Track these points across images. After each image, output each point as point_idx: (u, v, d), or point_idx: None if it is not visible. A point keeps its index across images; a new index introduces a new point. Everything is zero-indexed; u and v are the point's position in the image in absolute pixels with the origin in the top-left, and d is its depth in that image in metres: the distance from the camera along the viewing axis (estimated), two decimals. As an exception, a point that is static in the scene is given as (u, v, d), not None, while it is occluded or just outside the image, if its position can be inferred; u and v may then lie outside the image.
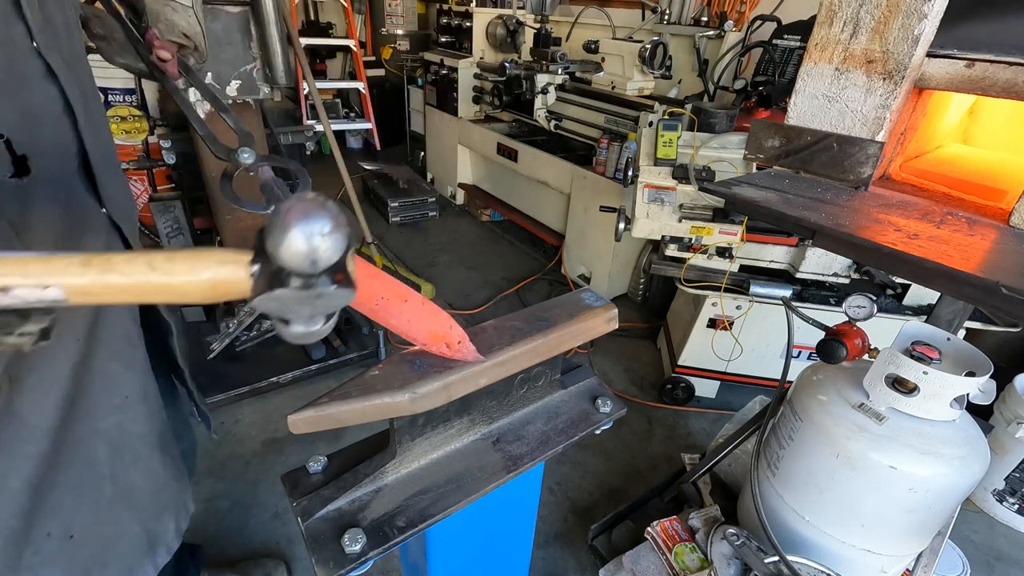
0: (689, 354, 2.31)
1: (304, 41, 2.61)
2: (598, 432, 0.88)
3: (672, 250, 2.06)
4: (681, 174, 1.97)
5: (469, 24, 3.94)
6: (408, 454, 0.74)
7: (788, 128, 1.31)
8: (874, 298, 1.20)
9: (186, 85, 1.07)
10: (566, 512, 1.91)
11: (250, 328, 2.32)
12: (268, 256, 0.38)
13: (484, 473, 0.76)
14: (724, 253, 2.01)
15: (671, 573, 1.33)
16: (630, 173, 2.16)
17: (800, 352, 2.15)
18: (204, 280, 0.40)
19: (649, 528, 1.41)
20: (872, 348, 1.20)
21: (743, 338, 2.21)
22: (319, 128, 2.47)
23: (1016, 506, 1.94)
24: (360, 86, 3.14)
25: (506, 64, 3.29)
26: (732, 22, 2.93)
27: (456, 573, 0.93)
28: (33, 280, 0.37)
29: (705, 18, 3.10)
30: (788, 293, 2.02)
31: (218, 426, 2.14)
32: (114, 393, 0.88)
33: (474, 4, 3.97)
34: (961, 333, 1.58)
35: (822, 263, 1.91)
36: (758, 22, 2.78)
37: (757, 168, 1.91)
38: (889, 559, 1.18)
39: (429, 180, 4.83)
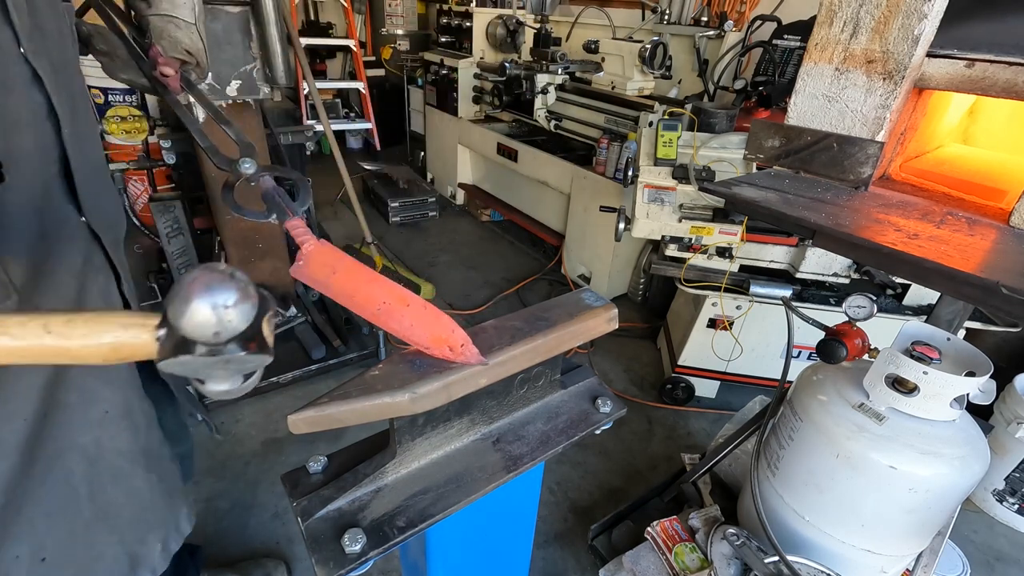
0: (689, 354, 2.31)
1: (304, 41, 2.61)
2: (598, 432, 0.87)
3: (672, 250, 2.06)
4: (681, 174, 1.97)
5: (469, 24, 3.94)
6: (408, 454, 0.74)
7: (788, 128, 1.31)
8: (874, 298, 1.20)
9: (187, 100, 1.06)
10: (566, 512, 1.91)
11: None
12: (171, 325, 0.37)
13: (484, 473, 0.76)
14: (724, 253, 2.01)
15: (671, 573, 1.33)
16: (630, 173, 2.16)
17: (800, 352, 2.15)
18: (105, 344, 0.39)
19: (649, 528, 1.41)
20: (872, 348, 1.20)
21: (743, 338, 2.21)
22: (319, 128, 2.46)
23: (1016, 506, 1.94)
24: (360, 86, 3.14)
25: (506, 64, 3.29)
26: (732, 22, 2.92)
27: (456, 573, 0.93)
28: None
29: (705, 18, 3.10)
30: (788, 293, 2.02)
31: (218, 426, 2.13)
32: (92, 408, 0.85)
33: (474, 4, 3.97)
34: (961, 333, 1.58)
35: (822, 263, 1.91)
36: (758, 22, 2.78)
37: (757, 168, 1.91)
38: (889, 559, 1.18)
39: (429, 180, 4.83)
